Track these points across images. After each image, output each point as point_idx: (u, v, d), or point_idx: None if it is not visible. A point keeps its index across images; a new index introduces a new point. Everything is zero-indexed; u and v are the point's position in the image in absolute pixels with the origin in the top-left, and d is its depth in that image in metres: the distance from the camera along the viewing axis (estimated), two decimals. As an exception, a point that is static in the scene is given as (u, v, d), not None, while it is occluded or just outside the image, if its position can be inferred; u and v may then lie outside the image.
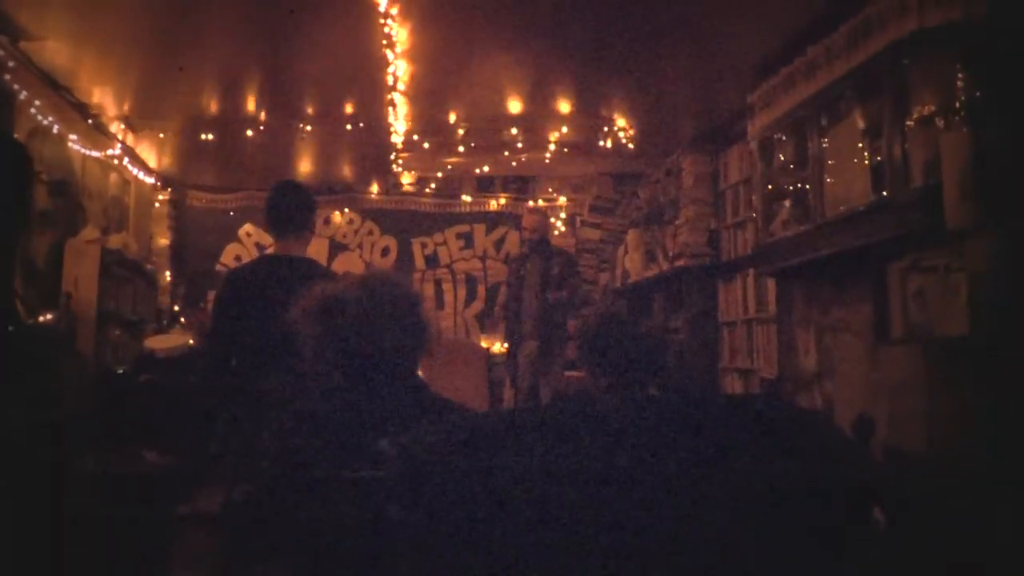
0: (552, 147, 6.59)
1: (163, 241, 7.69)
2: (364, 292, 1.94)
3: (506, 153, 6.75)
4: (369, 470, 1.55)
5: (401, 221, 8.16)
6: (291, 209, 3.14)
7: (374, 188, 8.10)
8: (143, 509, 3.58)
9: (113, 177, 6.41)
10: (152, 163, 7.16)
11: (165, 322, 7.01)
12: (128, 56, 4.90)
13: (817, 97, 3.98)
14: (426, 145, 6.47)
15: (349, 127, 5.96)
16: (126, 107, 5.78)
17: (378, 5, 4.04)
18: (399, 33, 4.38)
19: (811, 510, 1.31)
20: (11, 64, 4.45)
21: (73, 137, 5.44)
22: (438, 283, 8.10)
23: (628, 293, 7.24)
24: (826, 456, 1.36)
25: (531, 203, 7.97)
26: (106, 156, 6.08)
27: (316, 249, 7.73)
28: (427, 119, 5.93)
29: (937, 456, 3.02)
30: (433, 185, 8.10)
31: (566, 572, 1.26)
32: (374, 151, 6.71)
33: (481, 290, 8.11)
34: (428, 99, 5.50)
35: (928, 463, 3.04)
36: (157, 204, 7.65)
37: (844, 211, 3.72)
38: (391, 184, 7.98)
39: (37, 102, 4.86)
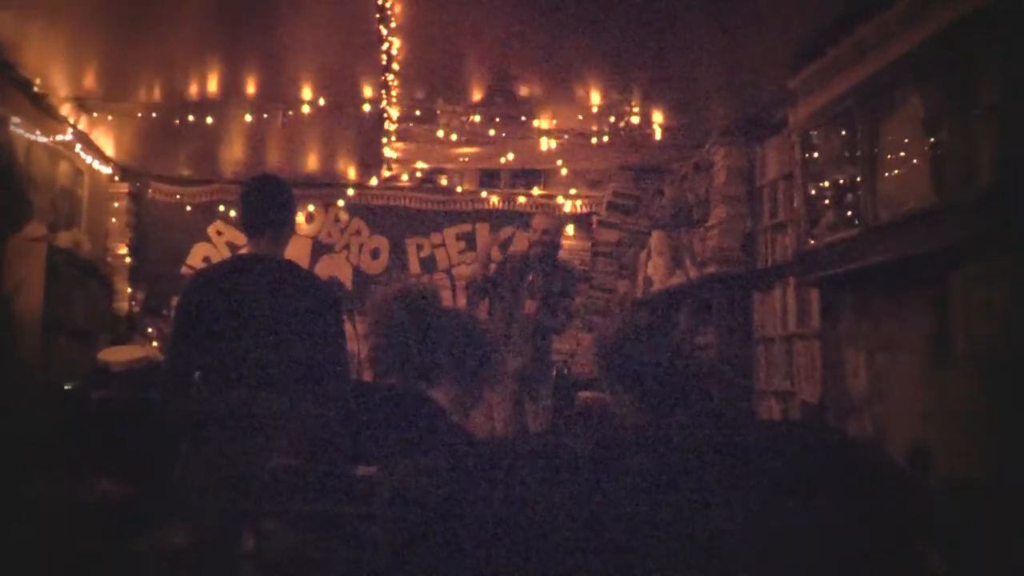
0: (566, 136, 6.59)
1: (121, 239, 7.72)
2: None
3: (514, 143, 6.75)
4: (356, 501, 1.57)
5: (394, 219, 8.18)
6: (270, 206, 3.16)
7: (364, 181, 8.10)
8: (95, 543, 3.58)
9: (63, 166, 6.44)
10: (109, 151, 7.19)
11: (122, 331, 7.02)
12: (82, 28, 4.89)
13: (868, 83, 3.98)
14: (423, 133, 6.47)
15: (336, 112, 5.97)
16: (79, 86, 5.79)
17: (369, -28, 4.06)
18: (394, 6, 4.39)
19: (861, 550, 1.31)
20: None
21: (16, 120, 5.46)
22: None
23: (651, 303, 7.23)
24: (877, 490, 1.36)
25: (542, 200, 7.96)
26: (55, 142, 6.10)
27: (297, 249, 7.75)
28: (424, 104, 5.94)
29: (1003, 489, 3.01)
30: (428, 178, 8.11)
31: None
32: (364, 139, 6.72)
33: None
34: (426, 81, 5.51)
35: (993, 497, 3.02)
36: (115, 198, 7.68)
37: (900, 212, 3.72)
38: (383, 177, 7.97)
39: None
